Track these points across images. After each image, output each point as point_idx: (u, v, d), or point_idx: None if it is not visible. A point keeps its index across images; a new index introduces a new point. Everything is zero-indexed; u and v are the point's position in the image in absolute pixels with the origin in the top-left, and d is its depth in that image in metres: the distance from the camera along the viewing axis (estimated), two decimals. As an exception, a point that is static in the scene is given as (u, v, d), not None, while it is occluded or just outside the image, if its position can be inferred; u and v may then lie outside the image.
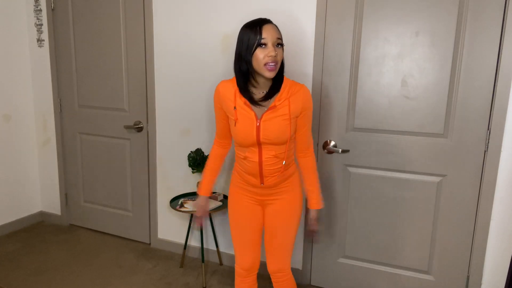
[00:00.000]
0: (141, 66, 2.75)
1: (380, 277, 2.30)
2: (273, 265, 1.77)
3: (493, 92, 1.92)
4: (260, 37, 1.46)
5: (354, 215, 2.29)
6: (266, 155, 1.60)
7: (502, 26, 1.86)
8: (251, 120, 1.56)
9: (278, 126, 1.57)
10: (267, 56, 1.46)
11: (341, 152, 2.21)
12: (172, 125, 2.73)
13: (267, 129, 1.56)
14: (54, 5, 3.00)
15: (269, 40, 1.46)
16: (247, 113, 1.57)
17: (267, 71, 1.47)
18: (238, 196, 1.75)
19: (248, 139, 1.58)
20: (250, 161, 1.63)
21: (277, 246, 1.75)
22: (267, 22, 1.51)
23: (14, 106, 3.12)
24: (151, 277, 2.55)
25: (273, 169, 1.63)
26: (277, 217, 1.73)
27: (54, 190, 3.32)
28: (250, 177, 1.68)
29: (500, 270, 2.05)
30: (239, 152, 1.67)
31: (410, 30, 2.01)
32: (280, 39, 1.50)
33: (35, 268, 2.62)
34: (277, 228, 1.74)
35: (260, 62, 1.47)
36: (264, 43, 1.46)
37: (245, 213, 1.75)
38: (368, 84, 2.14)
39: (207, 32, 2.49)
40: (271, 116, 1.56)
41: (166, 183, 2.83)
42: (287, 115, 1.57)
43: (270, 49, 1.46)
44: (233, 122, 1.60)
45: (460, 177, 2.04)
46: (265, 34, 1.46)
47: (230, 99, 1.59)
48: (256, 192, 1.71)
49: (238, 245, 1.79)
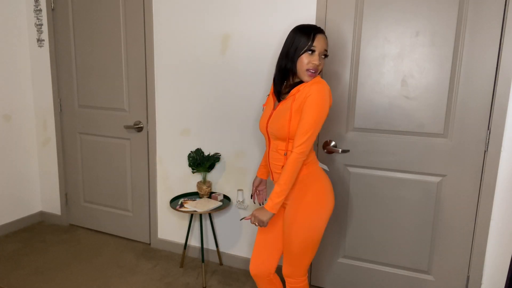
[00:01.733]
0: (141, 66, 2.75)
1: (380, 277, 2.30)
2: (284, 269, 1.75)
3: (493, 92, 1.92)
4: (311, 44, 1.56)
5: (354, 215, 2.29)
6: (273, 149, 1.69)
7: (502, 26, 1.86)
8: (269, 109, 1.71)
9: (279, 118, 1.63)
10: (311, 63, 1.56)
11: (341, 152, 2.21)
12: (172, 125, 2.73)
13: (274, 119, 1.66)
14: (54, 5, 3.00)
15: (318, 49, 1.57)
16: (270, 102, 1.73)
17: (306, 76, 1.58)
18: None
19: (262, 126, 1.73)
20: (265, 153, 1.80)
21: (286, 250, 1.71)
22: (321, 32, 1.60)
23: (14, 106, 3.12)
24: (151, 277, 2.55)
25: (279, 164, 1.66)
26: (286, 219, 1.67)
27: (54, 190, 3.32)
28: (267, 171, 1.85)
29: (500, 270, 2.05)
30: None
31: (410, 30, 2.01)
32: (326, 51, 1.62)
33: (35, 268, 2.62)
34: (285, 233, 1.69)
35: (304, 66, 1.57)
36: (312, 50, 1.56)
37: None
38: (368, 84, 2.14)
39: (207, 32, 2.49)
40: (279, 108, 1.65)
41: (166, 183, 2.83)
42: (289, 109, 1.59)
43: (315, 58, 1.57)
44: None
45: (460, 177, 2.04)
46: (316, 42, 1.56)
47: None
48: None
49: (255, 245, 1.83)
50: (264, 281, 1.83)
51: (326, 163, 2.30)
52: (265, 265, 1.79)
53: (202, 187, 2.54)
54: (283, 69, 1.62)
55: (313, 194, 1.65)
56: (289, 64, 1.60)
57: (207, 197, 2.58)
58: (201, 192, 2.56)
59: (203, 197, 2.57)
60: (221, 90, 2.52)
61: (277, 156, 1.66)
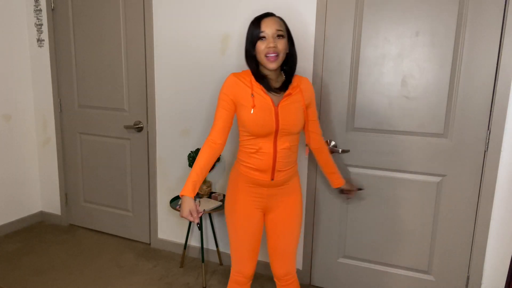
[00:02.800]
0: (141, 66, 2.75)
1: (380, 277, 2.30)
2: (282, 269, 1.75)
3: (493, 92, 1.92)
4: (259, 31, 1.53)
5: (354, 215, 2.29)
6: (281, 146, 1.60)
7: (502, 26, 1.86)
8: (268, 106, 1.57)
9: (295, 112, 1.61)
10: (267, 48, 1.52)
11: (341, 152, 2.21)
12: (172, 125, 2.73)
13: (286, 115, 1.58)
14: (54, 5, 3.00)
15: (268, 32, 1.53)
16: (264, 99, 1.57)
17: (268, 62, 1.53)
18: (238, 201, 1.68)
19: (267, 126, 1.56)
20: (263, 154, 1.60)
21: (284, 250, 1.73)
22: (268, 15, 1.57)
23: (14, 106, 3.12)
24: (151, 277, 2.55)
25: (286, 161, 1.64)
26: (282, 221, 1.71)
27: (54, 190, 3.32)
28: (259, 173, 1.63)
29: (500, 270, 2.05)
30: (250, 146, 1.62)
31: (410, 30, 2.01)
32: (280, 30, 1.54)
33: (35, 268, 2.62)
34: (283, 232, 1.71)
35: (261, 53, 1.54)
36: (263, 36, 1.53)
37: (246, 219, 1.68)
38: (368, 84, 2.14)
39: (207, 32, 2.49)
40: (287, 103, 1.60)
41: (166, 183, 2.83)
42: (302, 102, 1.64)
43: (269, 41, 1.52)
44: (249, 110, 1.56)
45: (460, 177, 2.04)
46: (263, 27, 1.53)
47: (247, 86, 1.59)
48: (261, 193, 1.67)
49: (239, 252, 1.72)
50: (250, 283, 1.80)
51: (326, 163, 2.30)
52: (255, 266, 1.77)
53: (202, 187, 2.55)
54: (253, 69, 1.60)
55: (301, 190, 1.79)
56: (251, 60, 1.59)
57: (207, 197, 2.58)
58: (201, 192, 2.56)
59: (203, 197, 2.57)
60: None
61: (288, 153, 1.63)
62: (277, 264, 1.75)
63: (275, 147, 1.60)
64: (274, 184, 1.66)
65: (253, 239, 1.71)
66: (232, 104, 1.60)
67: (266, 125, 1.56)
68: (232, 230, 1.71)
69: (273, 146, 1.60)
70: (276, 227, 1.72)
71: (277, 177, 1.64)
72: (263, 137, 1.59)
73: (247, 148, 1.64)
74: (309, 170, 2.35)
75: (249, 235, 1.70)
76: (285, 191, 1.70)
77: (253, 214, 1.68)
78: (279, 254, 1.74)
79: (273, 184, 1.65)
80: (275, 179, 1.64)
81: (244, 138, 1.64)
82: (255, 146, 1.61)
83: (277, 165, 1.62)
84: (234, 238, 1.72)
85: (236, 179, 1.70)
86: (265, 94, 1.58)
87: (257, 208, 1.69)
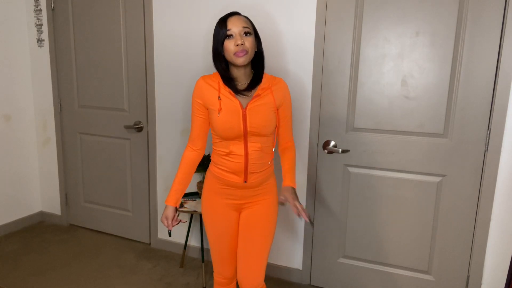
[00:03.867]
0: (141, 66, 2.75)
1: (380, 277, 2.30)
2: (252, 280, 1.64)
3: (493, 92, 1.92)
4: (226, 29, 1.52)
5: (354, 215, 2.29)
6: (252, 148, 1.58)
7: (502, 26, 1.86)
8: (236, 109, 1.55)
9: (264, 113, 1.57)
10: (235, 46, 1.51)
11: (341, 152, 2.21)
12: (172, 125, 2.73)
13: (254, 117, 1.55)
14: (54, 5, 3.00)
15: (235, 30, 1.52)
16: (232, 102, 1.55)
17: (236, 58, 1.51)
18: (213, 202, 1.67)
19: (234, 128, 1.54)
20: (234, 156, 1.58)
21: (255, 256, 1.65)
22: (233, 14, 1.57)
23: (14, 106, 3.12)
24: (151, 277, 2.55)
25: (258, 163, 1.61)
26: (255, 222, 1.66)
27: (54, 190, 3.32)
28: (232, 175, 1.61)
29: (500, 270, 2.05)
30: (221, 149, 1.60)
31: (410, 30, 2.01)
32: (246, 28, 1.53)
33: (35, 268, 2.62)
34: (256, 234, 1.65)
35: (230, 52, 1.52)
36: (230, 34, 1.52)
37: (222, 220, 1.67)
38: (368, 84, 2.14)
39: (207, 32, 2.49)
40: (256, 104, 1.56)
41: (166, 183, 2.83)
42: (272, 103, 1.60)
43: (237, 39, 1.51)
44: (216, 113, 1.55)
45: (460, 177, 2.04)
46: (230, 25, 1.52)
47: (215, 89, 1.58)
48: (235, 194, 1.64)
49: (217, 254, 1.72)
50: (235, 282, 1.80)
51: (326, 163, 2.30)
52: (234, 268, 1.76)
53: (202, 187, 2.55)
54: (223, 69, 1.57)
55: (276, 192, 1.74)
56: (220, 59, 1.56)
57: (207, 197, 2.58)
58: (201, 192, 2.56)
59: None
60: (221, 90, 2.52)
61: (260, 155, 1.60)
62: (248, 272, 1.65)
63: (246, 149, 1.58)
64: (248, 186, 1.63)
65: (230, 239, 1.70)
66: (203, 108, 1.60)
67: (234, 128, 1.54)
68: (210, 231, 1.71)
69: (243, 148, 1.58)
70: (249, 227, 1.66)
71: (250, 179, 1.61)
72: (232, 140, 1.57)
73: (219, 151, 1.62)
74: (309, 170, 2.35)
75: (226, 235, 1.69)
76: (260, 191, 1.66)
77: (228, 214, 1.67)
78: (251, 258, 1.65)
79: (247, 186, 1.62)
80: (248, 181, 1.61)
81: (216, 141, 1.63)
82: (225, 149, 1.59)
83: (250, 167, 1.59)
84: (212, 239, 1.71)
85: (211, 181, 1.68)
86: (232, 96, 1.56)
87: (232, 209, 1.67)
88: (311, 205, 2.38)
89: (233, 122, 1.54)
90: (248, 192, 1.64)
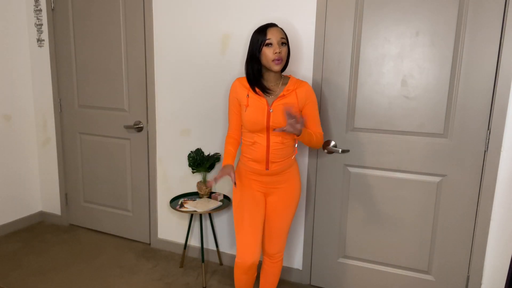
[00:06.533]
0: (141, 66, 2.75)
1: (380, 277, 2.30)
2: (275, 248, 2.00)
3: (493, 92, 1.92)
4: (265, 38, 1.76)
5: (354, 215, 2.29)
6: (274, 140, 1.82)
7: (502, 26, 1.86)
8: (262, 106, 1.81)
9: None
10: (273, 53, 1.75)
11: (341, 152, 2.21)
12: (172, 125, 2.73)
13: (277, 114, 1.79)
14: (54, 5, 3.00)
15: (274, 40, 1.76)
16: (259, 99, 1.82)
17: (274, 65, 1.77)
18: (244, 184, 1.92)
19: (259, 122, 1.80)
20: (258, 146, 1.84)
21: (279, 229, 1.97)
22: (272, 26, 1.80)
23: (14, 106, 3.12)
24: (151, 277, 2.55)
25: (279, 154, 1.84)
26: (278, 205, 1.94)
27: (54, 190, 3.32)
28: (256, 164, 1.87)
29: (500, 270, 2.05)
30: (248, 139, 1.88)
31: (410, 30, 2.01)
32: (284, 39, 1.79)
33: (35, 268, 2.62)
34: (280, 213, 1.94)
35: (269, 58, 1.76)
36: (269, 43, 1.76)
37: (251, 197, 1.90)
38: (368, 84, 2.14)
39: (207, 32, 2.49)
40: (280, 103, 1.80)
41: (166, 183, 2.83)
42: (295, 104, 1.83)
43: (275, 47, 1.75)
44: (244, 109, 1.84)
45: (460, 177, 2.04)
46: (269, 35, 1.76)
47: (246, 88, 1.86)
48: (261, 180, 1.90)
49: (242, 235, 1.86)
50: (254, 269, 1.88)
51: (326, 163, 2.30)
52: (259, 251, 1.86)
53: (202, 187, 2.55)
54: (253, 70, 1.81)
55: (299, 178, 1.99)
56: (255, 63, 1.80)
57: (207, 197, 2.58)
58: (201, 192, 2.56)
59: (203, 197, 2.57)
60: (221, 90, 2.52)
61: (279, 146, 1.83)
62: (270, 242, 2.00)
63: (268, 141, 1.83)
64: (270, 173, 1.88)
65: (256, 217, 1.87)
66: (237, 103, 1.90)
67: (258, 122, 1.81)
68: (238, 212, 1.90)
69: (266, 139, 1.83)
70: (274, 209, 1.94)
71: (271, 167, 1.86)
72: (257, 132, 1.83)
73: (246, 141, 1.90)
74: (309, 170, 2.35)
75: (253, 213, 1.87)
76: (282, 178, 1.91)
77: (256, 194, 1.91)
78: (274, 233, 1.97)
79: (269, 173, 1.87)
80: (270, 169, 1.86)
81: (244, 132, 1.91)
82: (251, 139, 1.86)
83: (271, 157, 1.84)
84: (239, 219, 1.89)
85: (240, 169, 1.96)
86: (260, 95, 1.82)
87: (259, 191, 1.92)
88: (311, 205, 2.38)
89: (258, 117, 1.81)
90: (270, 178, 1.90)
